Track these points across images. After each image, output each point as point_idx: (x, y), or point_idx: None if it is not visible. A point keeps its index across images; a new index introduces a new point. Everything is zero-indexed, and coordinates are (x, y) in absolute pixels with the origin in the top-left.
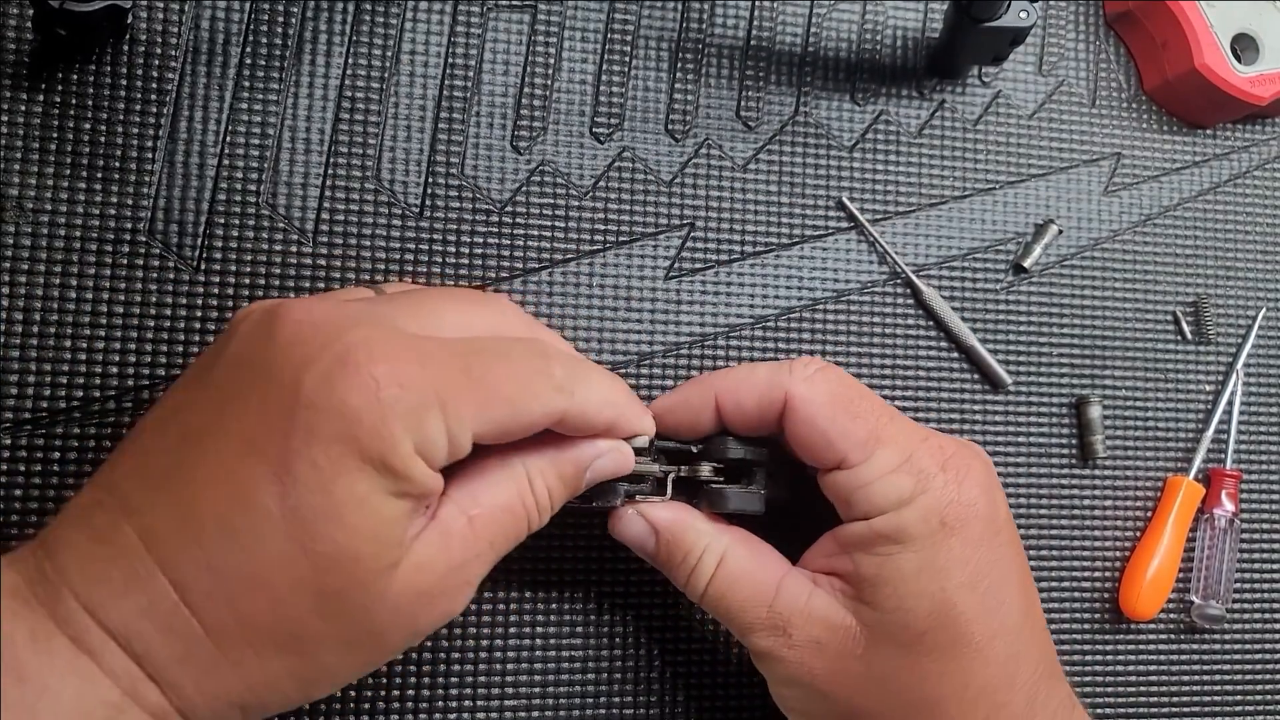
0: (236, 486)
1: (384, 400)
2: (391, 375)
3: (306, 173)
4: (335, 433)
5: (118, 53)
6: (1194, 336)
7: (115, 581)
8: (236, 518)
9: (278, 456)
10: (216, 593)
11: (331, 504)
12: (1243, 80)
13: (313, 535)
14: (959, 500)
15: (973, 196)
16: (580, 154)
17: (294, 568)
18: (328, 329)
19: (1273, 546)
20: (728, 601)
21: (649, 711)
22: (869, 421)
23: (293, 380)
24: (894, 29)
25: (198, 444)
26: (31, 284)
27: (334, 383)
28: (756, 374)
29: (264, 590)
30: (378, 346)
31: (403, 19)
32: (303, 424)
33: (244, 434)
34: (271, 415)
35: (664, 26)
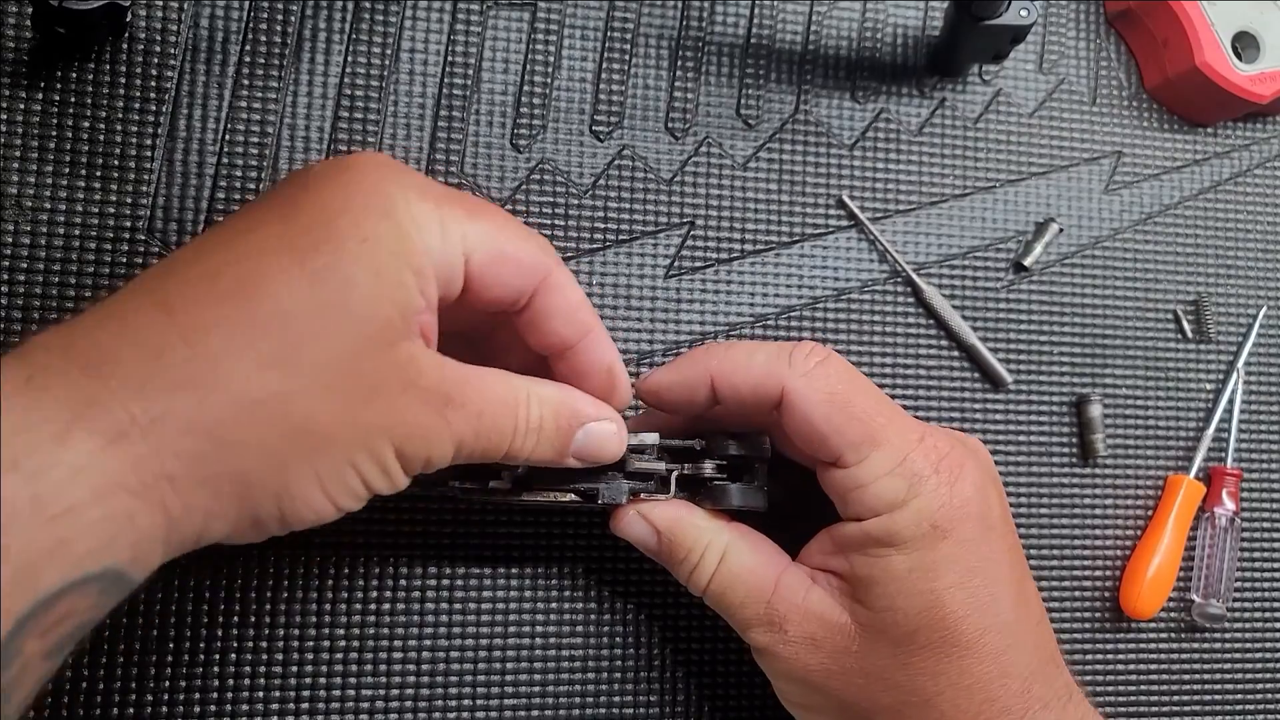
0: (242, 223)
1: (411, 201)
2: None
3: None
4: (366, 202)
5: (117, 51)
6: (1194, 335)
7: (94, 315)
8: (238, 240)
9: (285, 224)
10: (205, 296)
11: (347, 232)
12: (1243, 79)
13: (317, 252)
14: (950, 503)
15: (973, 195)
16: (580, 152)
17: (296, 278)
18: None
19: (1273, 545)
20: (728, 598)
21: (649, 711)
22: (865, 422)
23: (300, 178)
24: (894, 27)
25: (243, 237)
26: (31, 283)
27: (336, 167)
28: (754, 360)
29: (258, 292)
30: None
31: (402, 17)
32: (309, 201)
33: (253, 221)
34: (280, 205)
35: (664, 24)
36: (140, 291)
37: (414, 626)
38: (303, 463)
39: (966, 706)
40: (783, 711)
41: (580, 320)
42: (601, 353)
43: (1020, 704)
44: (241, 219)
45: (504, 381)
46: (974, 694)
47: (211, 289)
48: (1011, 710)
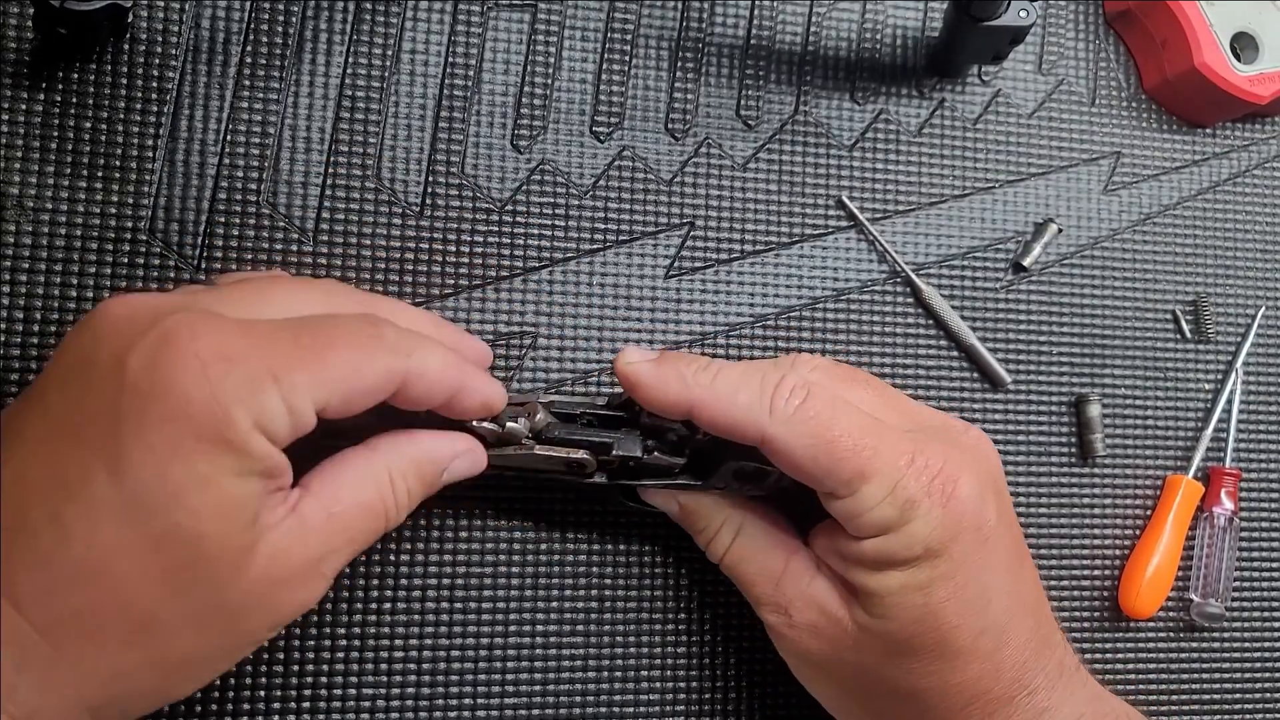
0: (62, 478)
1: (212, 377)
2: (216, 351)
3: (307, 172)
4: (165, 414)
5: (118, 52)
6: (1193, 335)
7: None
8: (67, 509)
9: (106, 443)
10: (50, 589)
11: (171, 486)
12: (1242, 79)
13: (153, 518)
14: (943, 523)
15: (972, 195)
16: (580, 153)
17: (134, 552)
18: (145, 315)
19: (1272, 545)
20: (740, 572)
21: (649, 711)
22: (851, 461)
23: (114, 367)
24: (894, 28)
25: (22, 441)
26: (31, 283)
27: (158, 364)
28: (737, 400)
29: (103, 579)
30: (199, 325)
31: (403, 18)
32: (131, 409)
33: (66, 427)
34: (95, 404)
35: (664, 26)
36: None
37: (414, 626)
38: (187, 681)
39: (956, 700)
40: (781, 711)
41: (446, 386)
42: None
43: (1008, 696)
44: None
45: (366, 483)
46: (963, 690)
47: (51, 576)
48: (998, 700)
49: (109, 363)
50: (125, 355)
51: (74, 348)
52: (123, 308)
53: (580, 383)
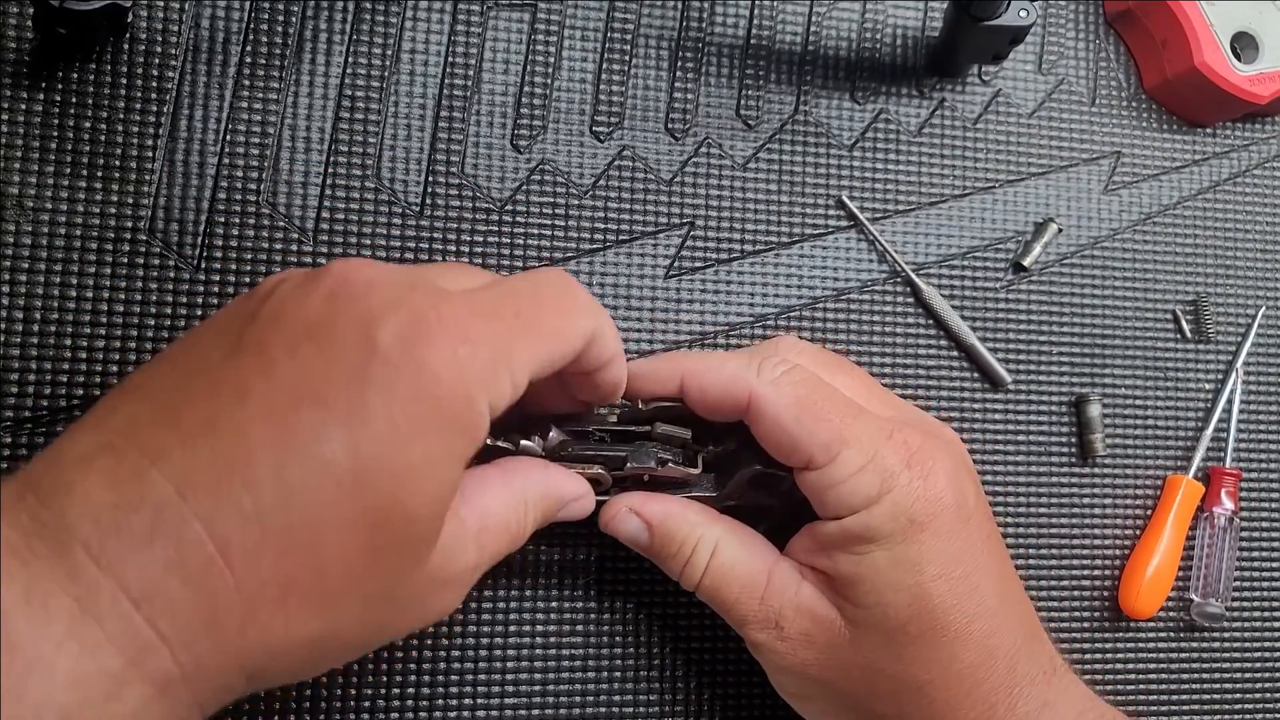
0: (295, 436)
1: (461, 358)
2: (461, 332)
3: (307, 171)
4: (415, 390)
5: (118, 52)
6: (1193, 335)
7: (137, 531)
8: (293, 467)
9: (349, 409)
10: (261, 547)
11: (405, 463)
12: (1242, 79)
13: (378, 492)
14: (925, 496)
15: (972, 195)
16: (580, 153)
17: (351, 523)
18: (388, 288)
19: (1272, 545)
20: (722, 594)
21: (649, 711)
22: (833, 423)
23: (361, 336)
24: (894, 28)
25: (240, 395)
26: (31, 283)
27: (410, 341)
28: (725, 367)
29: (314, 547)
30: (444, 304)
31: (403, 18)
32: (380, 378)
33: (300, 386)
34: (338, 370)
35: (664, 25)
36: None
37: None
38: (326, 665)
39: (957, 690)
40: (780, 711)
41: (611, 352)
42: (618, 369)
43: (1007, 683)
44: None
45: (507, 505)
46: (964, 679)
47: (264, 534)
48: (998, 690)
49: (354, 331)
50: (373, 326)
51: (296, 300)
52: (360, 276)
53: None
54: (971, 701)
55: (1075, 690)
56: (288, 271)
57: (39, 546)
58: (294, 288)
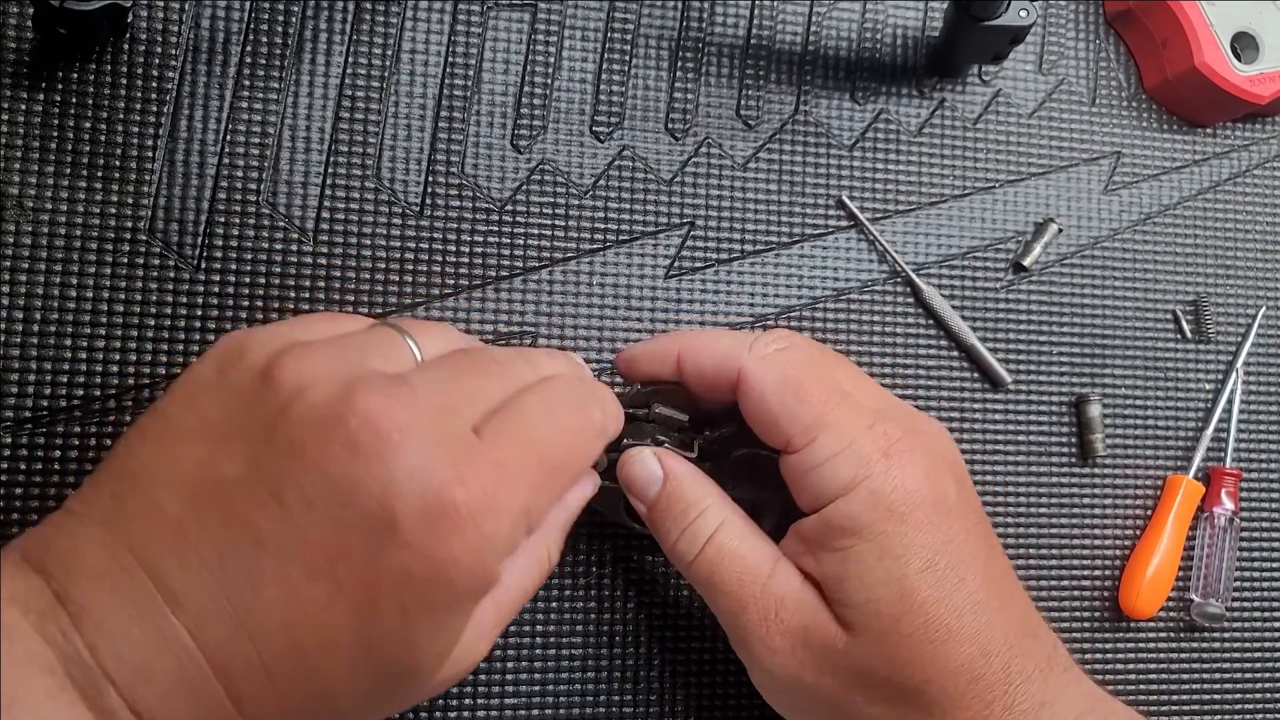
0: (306, 607)
1: (485, 536)
2: (489, 506)
3: (307, 172)
4: (431, 576)
5: (118, 52)
6: (1194, 335)
7: (163, 682)
8: (301, 633)
9: (358, 587)
10: (267, 695)
11: (412, 637)
12: (1242, 79)
13: (380, 657)
14: (902, 486)
15: (973, 195)
16: (580, 153)
17: (352, 680)
18: (414, 444)
19: (1273, 545)
20: (721, 572)
21: (649, 711)
22: (815, 406)
23: (383, 511)
24: (894, 28)
25: (254, 542)
26: (31, 283)
27: (434, 526)
28: (720, 342)
29: (319, 696)
30: (471, 474)
31: (403, 18)
32: (396, 567)
33: (314, 554)
34: (352, 542)
35: (664, 25)
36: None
37: None
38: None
39: (953, 689)
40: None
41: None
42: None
43: (1002, 680)
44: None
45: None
46: (959, 676)
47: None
48: (994, 687)
49: (374, 503)
50: (394, 501)
51: (320, 453)
52: (386, 423)
53: None
54: (968, 702)
55: (1076, 689)
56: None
57: (76, 676)
58: (314, 417)
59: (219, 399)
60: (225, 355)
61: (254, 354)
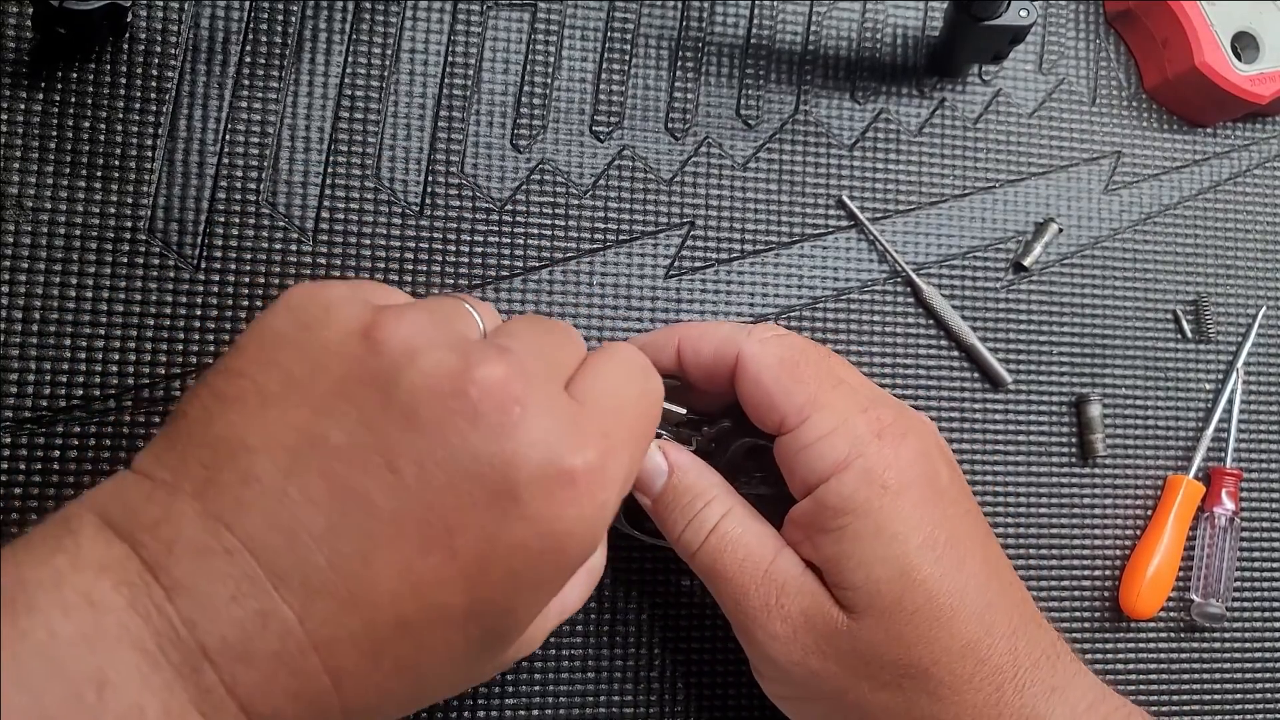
0: (419, 581)
1: (598, 505)
2: (602, 476)
3: (306, 171)
4: (547, 547)
5: (117, 51)
6: (1194, 335)
7: (262, 661)
8: (412, 608)
9: (474, 558)
10: (370, 675)
11: (513, 604)
12: (1243, 79)
13: (479, 622)
14: (897, 464)
15: (973, 195)
16: (580, 152)
17: (451, 652)
18: (535, 419)
19: (1273, 545)
20: (725, 559)
21: (649, 711)
22: (809, 386)
23: (503, 480)
24: (894, 27)
25: (366, 511)
26: (31, 283)
27: (555, 496)
28: (719, 329)
29: (416, 669)
30: (585, 446)
31: (402, 17)
32: (515, 536)
33: (430, 522)
34: (472, 515)
35: (664, 25)
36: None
37: None
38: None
39: (960, 670)
40: (780, 712)
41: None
42: None
43: (1010, 663)
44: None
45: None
46: (966, 657)
47: (376, 666)
48: (1003, 670)
49: (495, 473)
50: (515, 470)
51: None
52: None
53: None
54: (977, 684)
55: (1084, 679)
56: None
57: (172, 655)
58: (432, 386)
59: (305, 357)
60: (304, 310)
61: (343, 311)
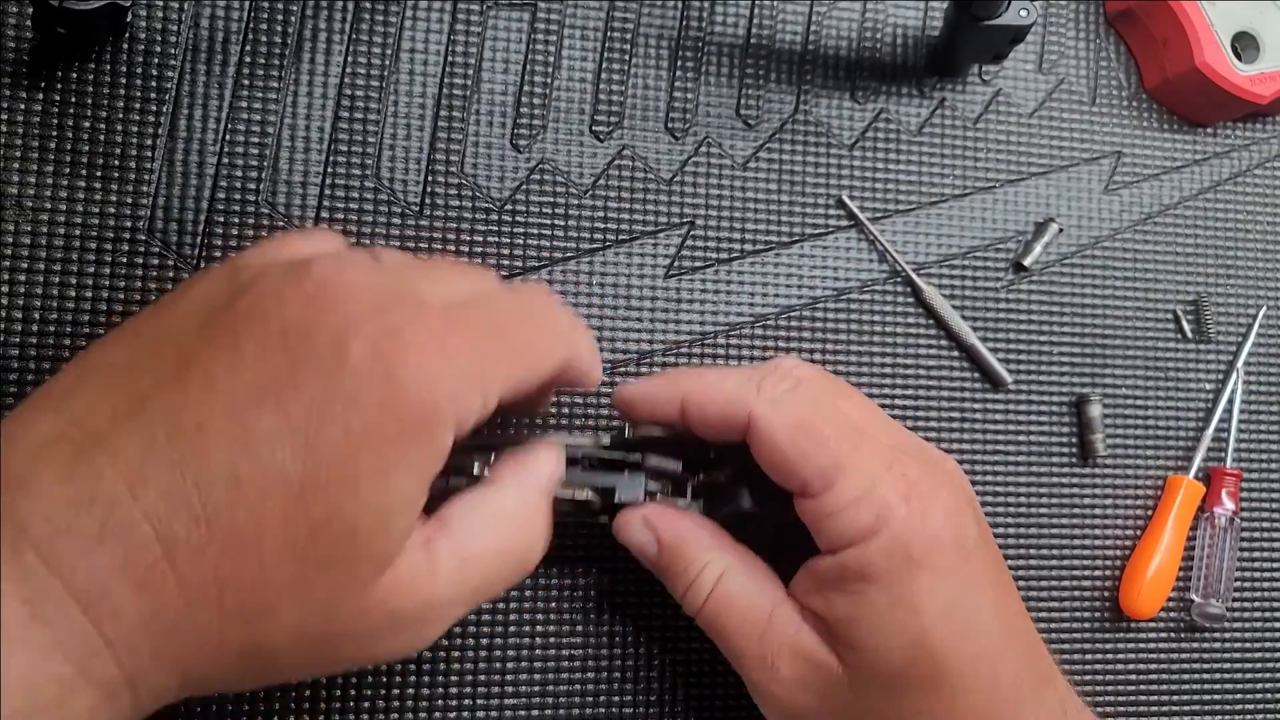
0: (252, 438)
1: (431, 372)
2: (437, 346)
3: (306, 171)
4: (378, 401)
5: (117, 51)
6: (1194, 335)
7: (88, 532)
8: (246, 469)
9: (306, 415)
10: (204, 547)
11: (353, 472)
12: (1243, 79)
13: (323, 502)
14: (924, 532)
15: (973, 195)
16: (580, 152)
17: (291, 530)
18: (368, 296)
19: (1273, 545)
20: (722, 623)
21: (649, 711)
22: (831, 449)
23: (334, 344)
24: (894, 27)
25: (201, 383)
26: (31, 283)
27: (382, 354)
28: (725, 385)
29: (254, 551)
30: (421, 319)
31: (402, 17)
32: (345, 390)
33: (265, 387)
34: (305, 375)
35: (664, 24)
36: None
37: None
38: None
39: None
40: None
41: (588, 367)
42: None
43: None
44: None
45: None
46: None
47: (210, 536)
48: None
49: (328, 339)
50: (347, 336)
51: (278, 308)
52: (342, 281)
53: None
54: None
55: None
56: (269, 253)
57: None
58: (275, 285)
59: (180, 302)
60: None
61: (218, 268)
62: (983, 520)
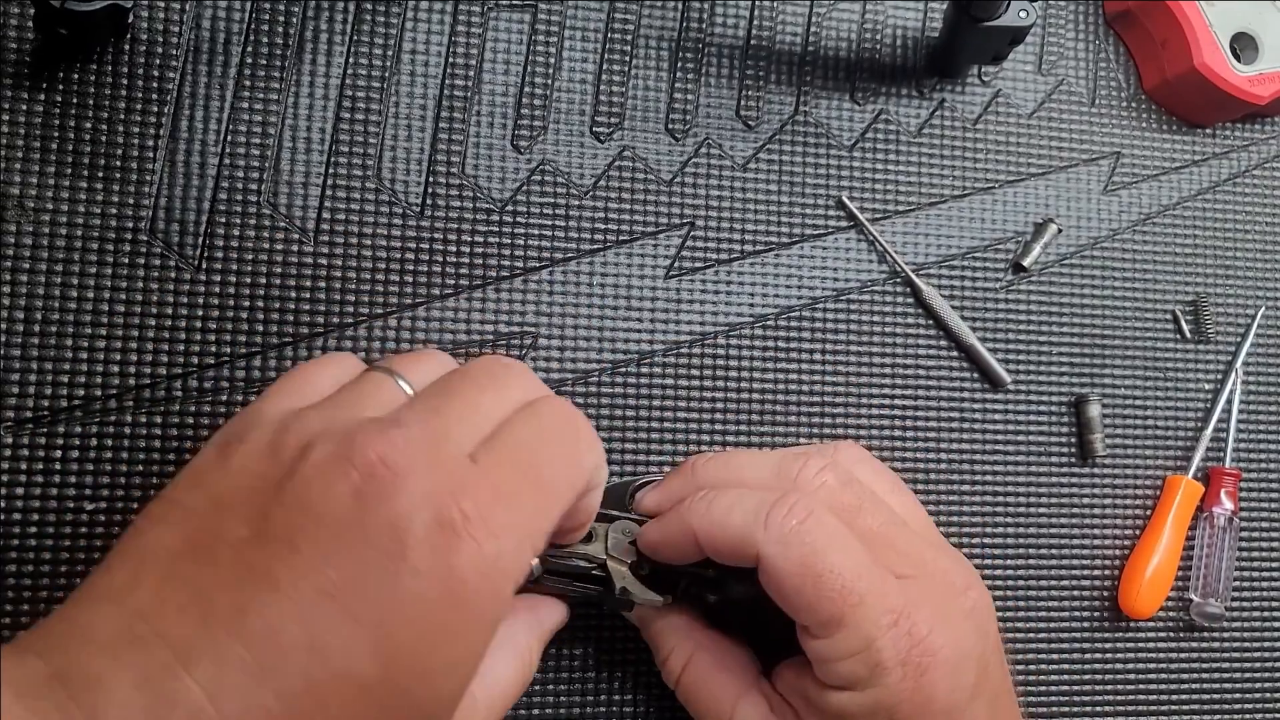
0: (326, 648)
1: (488, 557)
2: (489, 526)
3: (307, 172)
4: (443, 597)
5: (119, 52)
6: (1193, 335)
7: None
8: (321, 676)
9: (375, 619)
10: None
11: (429, 669)
12: (1242, 80)
13: (394, 694)
14: (913, 699)
15: (972, 195)
16: (580, 153)
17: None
18: (414, 483)
19: (1272, 545)
20: (692, 705)
21: (649, 711)
22: (833, 604)
23: (391, 543)
24: (894, 28)
25: (266, 585)
26: (32, 284)
27: (440, 548)
28: (732, 519)
29: None
30: (469, 497)
31: (403, 18)
32: (409, 591)
33: (327, 588)
34: (367, 578)
35: (664, 26)
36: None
37: None
38: None
39: None
40: None
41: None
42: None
43: None
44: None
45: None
46: None
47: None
48: None
49: (384, 539)
50: (403, 532)
51: (327, 501)
52: (387, 466)
53: (581, 383)
54: None
55: None
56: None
57: None
58: (320, 473)
59: (225, 478)
60: (226, 440)
61: (254, 434)
62: (990, 663)
